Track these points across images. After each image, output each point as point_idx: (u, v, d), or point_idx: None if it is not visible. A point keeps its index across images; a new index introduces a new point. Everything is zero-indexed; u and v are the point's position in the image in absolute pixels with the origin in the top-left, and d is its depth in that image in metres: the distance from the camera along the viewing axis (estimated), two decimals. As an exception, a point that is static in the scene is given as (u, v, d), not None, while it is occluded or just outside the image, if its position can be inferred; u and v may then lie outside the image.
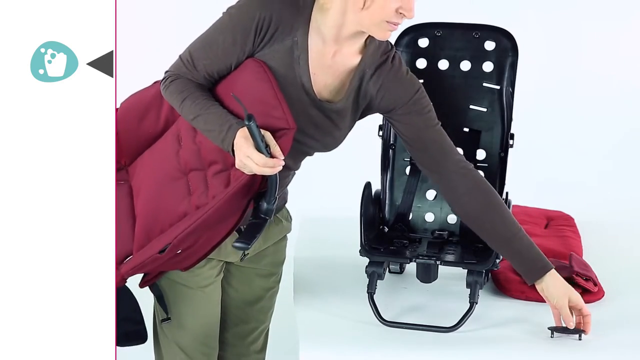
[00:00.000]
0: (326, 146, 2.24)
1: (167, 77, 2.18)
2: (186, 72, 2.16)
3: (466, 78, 2.46)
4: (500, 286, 2.40)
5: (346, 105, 2.19)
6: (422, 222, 2.50)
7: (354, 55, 2.19)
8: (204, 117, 2.10)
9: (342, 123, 2.21)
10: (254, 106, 2.04)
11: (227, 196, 2.07)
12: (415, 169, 2.47)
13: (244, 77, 2.14)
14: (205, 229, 2.11)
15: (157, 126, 2.27)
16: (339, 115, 2.19)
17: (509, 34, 2.45)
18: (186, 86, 2.15)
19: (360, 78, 2.19)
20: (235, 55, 2.14)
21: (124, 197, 2.25)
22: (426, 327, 2.16)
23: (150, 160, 2.27)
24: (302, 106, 2.15)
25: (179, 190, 2.17)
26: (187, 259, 2.18)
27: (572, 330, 2.14)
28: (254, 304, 2.44)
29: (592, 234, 2.86)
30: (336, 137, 2.23)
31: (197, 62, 2.15)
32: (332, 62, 2.18)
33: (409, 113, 2.21)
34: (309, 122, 2.17)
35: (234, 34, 2.13)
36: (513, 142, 2.43)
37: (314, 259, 2.61)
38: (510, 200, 2.39)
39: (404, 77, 2.22)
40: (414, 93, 2.22)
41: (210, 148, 2.14)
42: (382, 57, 2.21)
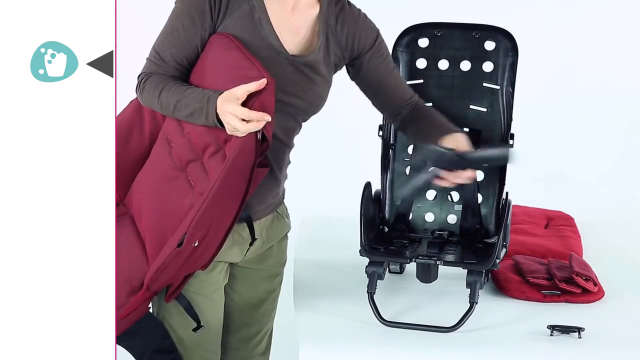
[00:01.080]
0: (313, 104, 2.26)
1: (140, 80, 2.21)
2: (157, 69, 2.19)
3: (466, 78, 2.47)
4: (500, 286, 2.40)
5: (318, 57, 2.24)
6: (422, 222, 2.50)
7: (311, 7, 2.25)
8: (183, 102, 2.12)
9: (320, 79, 2.25)
10: (229, 74, 2.08)
11: (227, 166, 2.08)
12: (415, 169, 2.47)
13: (212, 53, 2.17)
14: (215, 208, 2.11)
15: (143, 143, 2.29)
16: (313, 69, 2.23)
17: (509, 34, 2.45)
18: (160, 80, 2.17)
19: (326, 30, 2.25)
20: (198, 35, 2.18)
21: (127, 226, 2.26)
22: (426, 327, 2.16)
23: (143, 176, 2.28)
24: (277, 66, 2.18)
25: (180, 188, 2.17)
26: (204, 253, 2.16)
27: (572, 328, 2.14)
28: (258, 307, 2.43)
29: (592, 234, 2.86)
30: (317, 93, 2.26)
31: (164, 54, 2.18)
32: (292, 19, 2.22)
33: (373, 57, 2.30)
34: (288, 80, 2.20)
35: (190, 14, 2.17)
36: (513, 142, 2.43)
37: (314, 259, 2.61)
38: (510, 200, 2.39)
39: (365, 20, 2.30)
40: (376, 36, 2.30)
41: (199, 134, 2.15)
42: (338, 5, 2.27)
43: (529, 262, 2.48)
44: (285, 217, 2.40)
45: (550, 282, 2.37)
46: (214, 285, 2.29)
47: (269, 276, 2.42)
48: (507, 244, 2.38)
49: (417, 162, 2.46)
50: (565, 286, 2.34)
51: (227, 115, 2.03)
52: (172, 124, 2.22)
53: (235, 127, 2.03)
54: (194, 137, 2.17)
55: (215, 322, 2.33)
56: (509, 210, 2.34)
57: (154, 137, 2.29)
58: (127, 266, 2.15)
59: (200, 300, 2.27)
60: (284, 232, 2.41)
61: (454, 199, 2.49)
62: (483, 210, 2.45)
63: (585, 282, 2.35)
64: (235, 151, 2.07)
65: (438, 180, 2.14)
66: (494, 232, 2.43)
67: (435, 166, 2.14)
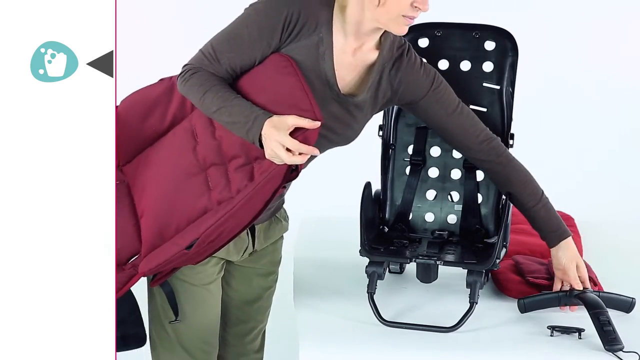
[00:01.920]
0: (346, 139, 2.29)
1: (187, 70, 2.17)
2: (208, 65, 2.16)
3: (466, 78, 2.46)
4: (500, 286, 2.40)
5: (366, 99, 2.24)
6: (422, 222, 2.50)
7: (371, 51, 2.24)
8: (227, 109, 2.11)
9: (361, 116, 2.27)
10: (279, 99, 2.08)
11: (255, 189, 2.09)
12: (415, 169, 2.48)
13: (268, 71, 2.16)
14: (232, 221, 2.13)
15: (162, 124, 2.27)
16: (358, 108, 2.24)
17: (509, 34, 2.45)
18: (208, 79, 2.15)
19: (380, 72, 2.25)
20: (260, 50, 2.16)
21: (122, 197, 2.25)
22: (426, 327, 2.16)
23: (157, 158, 2.26)
24: (326, 100, 2.19)
25: (197, 186, 2.17)
26: (204, 253, 2.18)
27: (572, 329, 2.14)
28: (253, 304, 2.44)
29: (592, 234, 2.86)
30: (355, 129, 2.28)
31: (221, 55, 2.16)
32: (352, 59, 2.23)
33: (430, 103, 2.29)
34: (331, 116, 2.21)
35: (260, 28, 2.15)
36: (513, 142, 2.43)
37: (314, 259, 2.61)
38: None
39: (420, 69, 2.29)
40: (431, 83, 2.29)
41: (231, 142, 2.15)
42: (398, 51, 2.27)
43: (529, 262, 2.48)
44: (282, 219, 2.42)
45: (550, 282, 2.36)
46: (210, 277, 2.30)
47: (263, 274, 2.43)
48: (507, 244, 2.38)
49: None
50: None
51: (273, 143, 2.04)
52: (202, 120, 2.21)
53: (279, 156, 2.04)
54: (225, 142, 2.17)
55: (213, 315, 2.34)
56: (509, 210, 2.34)
57: (176, 122, 2.27)
58: (117, 237, 2.09)
59: (197, 291, 2.28)
60: (280, 234, 2.43)
61: (454, 199, 2.49)
62: (483, 210, 2.45)
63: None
64: (266, 177, 2.09)
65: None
66: (494, 232, 2.43)
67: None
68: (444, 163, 2.49)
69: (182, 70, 2.19)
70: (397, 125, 2.50)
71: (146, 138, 2.28)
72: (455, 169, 2.48)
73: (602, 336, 2.08)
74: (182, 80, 2.17)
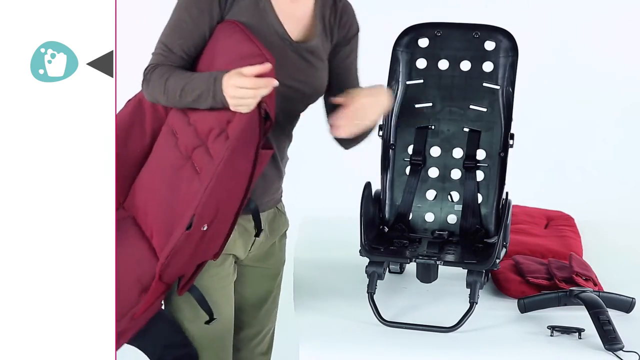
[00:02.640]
0: (315, 89, 2.32)
1: (147, 72, 2.23)
2: (164, 60, 2.22)
3: (466, 78, 2.46)
4: (500, 286, 2.40)
5: (318, 43, 2.30)
6: (422, 222, 2.49)
7: None
8: (190, 85, 2.15)
9: (320, 62, 2.31)
10: (232, 56, 2.13)
11: (231, 143, 2.10)
12: (415, 169, 2.47)
13: (219, 40, 2.20)
14: (221, 188, 2.12)
15: (144, 141, 2.30)
16: (314, 55, 2.30)
17: (509, 34, 2.45)
18: (167, 70, 2.20)
19: (322, 17, 2.31)
20: (206, 24, 2.22)
21: (130, 228, 2.26)
22: (426, 327, 2.16)
23: (149, 173, 2.28)
24: (282, 52, 2.24)
25: (187, 175, 2.18)
26: (214, 239, 2.17)
27: (572, 329, 2.14)
28: (260, 307, 2.44)
29: (592, 234, 2.86)
30: (319, 77, 2.32)
31: (172, 45, 2.22)
32: (294, 8, 2.28)
33: (351, 50, 2.38)
34: (292, 67, 2.26)
35: (197, 4, 2.21)
36: (513, 142, 2.42)
37: (314, 259, 2.61)
38: (510, 200, 2.39)
39: (353, 11, 2.39)
40: (358, 29, 2.39)
41: (205, 120, 2.17)
42: None
43: (529, 262, 2.48)
44: (284, 213, 2.43)
45: (550, 282, 2.37)
46: (225, 280, 2.30)
47: (270, 275, 2.44)
48: (507, 244, 2.38)
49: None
50: (565, 286, 2.34)
51: (230, 89, 2.07)
52: (177, 116, 2.23)
53: (240, 96, 2.06)
54: (199, 123, 2.19)
55: (229, 316, 2.34)
56: (509, 210, 2.34)
57: (156, 134, 2.29)
58: (136, 267, 2.16)
59: (214, 294, 2.28)
60: (284, 227, 2.44)
61: (454, 199, 2.49)
62: (483, 210, 2.45)
63: (585, 282, 2.36)
64: (238, 128, 2.09)
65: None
66: (494, 232, 2.43)
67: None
68: (444, 163, 2.49)
69: (143, 75, 2.24)
70: (397, 125, 2.50)
71: (135, 162, 2.30)
72: (455, 169, 2.48)
73: (602, 336, 2.08)
74: (144, 84, 2.23)
